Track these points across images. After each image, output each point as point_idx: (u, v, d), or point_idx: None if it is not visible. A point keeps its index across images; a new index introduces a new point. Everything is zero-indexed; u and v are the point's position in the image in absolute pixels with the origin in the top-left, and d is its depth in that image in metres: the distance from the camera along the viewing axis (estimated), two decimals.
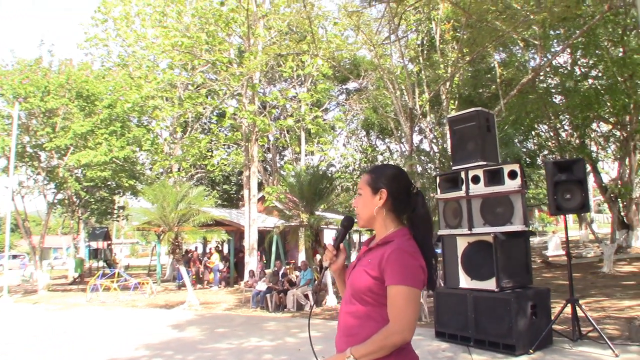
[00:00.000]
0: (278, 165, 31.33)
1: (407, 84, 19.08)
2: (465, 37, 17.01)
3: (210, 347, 8.41)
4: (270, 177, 29.16)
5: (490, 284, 6.99)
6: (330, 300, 13.71)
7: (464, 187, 7.37)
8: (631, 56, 16.74)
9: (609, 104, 18.61)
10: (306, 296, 13.38)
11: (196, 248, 27.28)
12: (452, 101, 21.79)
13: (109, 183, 24.38)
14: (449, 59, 19.99)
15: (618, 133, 22.15)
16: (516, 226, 6.87)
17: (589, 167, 20.79)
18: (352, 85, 30.72)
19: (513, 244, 7.06)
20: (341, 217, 17.00)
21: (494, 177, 7.12)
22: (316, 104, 23.97)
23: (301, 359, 7.21)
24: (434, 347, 7.26)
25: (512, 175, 6.93)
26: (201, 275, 20.92)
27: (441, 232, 7.80)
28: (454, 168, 7.76)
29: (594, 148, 23.82)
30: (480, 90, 21.03)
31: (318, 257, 17.87)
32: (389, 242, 2.17)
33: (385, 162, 35.73)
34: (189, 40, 16.43)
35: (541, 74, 18.46)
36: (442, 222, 7.80)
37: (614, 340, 6.66)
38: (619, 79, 17.21)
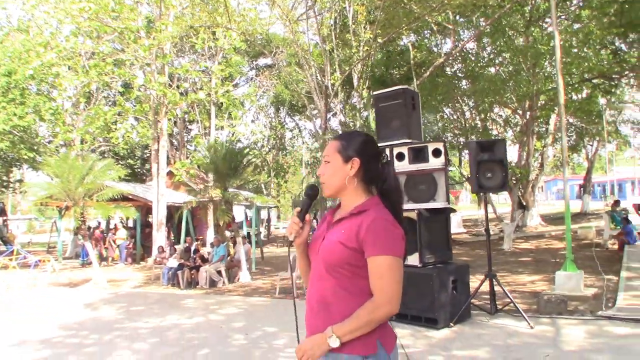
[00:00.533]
0: (185, 139, 30.53)
1: (322, 60, 19.03)
2: (380, 18, 17.12)
3: (129, 326, 8.03)
4: (177, 152, 28.34)
5: (413, 260, 7.07)
6: (244, 276, 13.52)
7: None
8: (534, 46, 17.51)
9: (512, 91, 19.43)
10: (219, 272, 13.12)
11: (99, 224, 26.12)
12: (362, 81, 22.03)
13: (5, 155, 22.79)
14: (361, 39, 20.13)
15: (518, 118, 23.28)
16: (439, 203, 6.99)
17: None
18: (262, 61, 30.37)
19: (435, 220, 7.17)
20: (250, 195, 16.85)
21: (418, 155, 7.18)
22: (227, 78, 23.46)
23: (224, 337, 7.01)
24: None
25: (436, 153, 7.01)
26: (104, 252, 20.02)
27: None
28: (378, 145, 7.74)
29: (495, 132, 24.89)
30: (393, 71, 21.37)
31: (228, 233, 17.61)
32: (363, 212, 2.05)
33: (295, 138, 35.82)
34: (96, 6, 15.45)
35: (450, 58, 19.04)
36: None
37: (525, 313, 6.96)
38: (523, 67, 18.02)
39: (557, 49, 9.83)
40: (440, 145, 7.03)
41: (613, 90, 21.03)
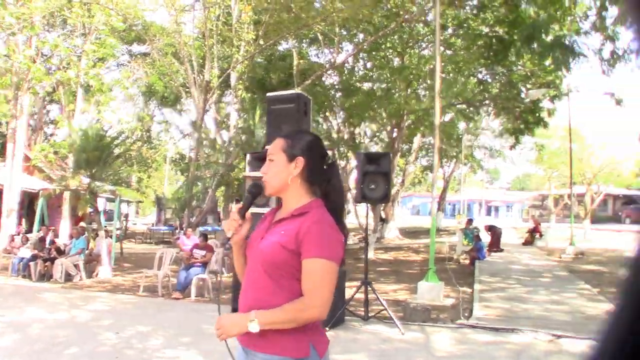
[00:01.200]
0: (44, 121, 28.39)
1: (201, 54, 18.68)
2: (266, 20, 17.13)
3: None
4: (34, 134, 26.24)
5: None
6: (104, 271, 12.81)
7: None
8: (409, 67, 18.42)
9: (384, 107, 20.23)
10: (76, 266, 12.31)
11: None
12: (242, 81, 21.91)
13: None
14: (243, 39, 20.02)
15: (385, 134, 24.32)
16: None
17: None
18: (137, 48, 29.05)
19: None
20: (117, 187, 16.07)
21: None
22: (100, 60, 22.23)
23: (92, 334, 6.56)
24: None
25: None
26: None
27: (252, 210, 7.74)
28: (267, 147, 7.72)
29: (363, 147, 25.79)
30: (272, 75, 21.41)
31: (83, 224, 16.63)
32: (305, 213, 2.01)
33: (163, 132, 34.63)
34: None
35: (329, 69, 19.49)
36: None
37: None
38: (398, 85, 18.88)
39: (437, 73, 10.43)
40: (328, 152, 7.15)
41: (474, 116, 22.71)
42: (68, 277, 12.07)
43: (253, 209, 2.16)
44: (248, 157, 7.95)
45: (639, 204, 42.05)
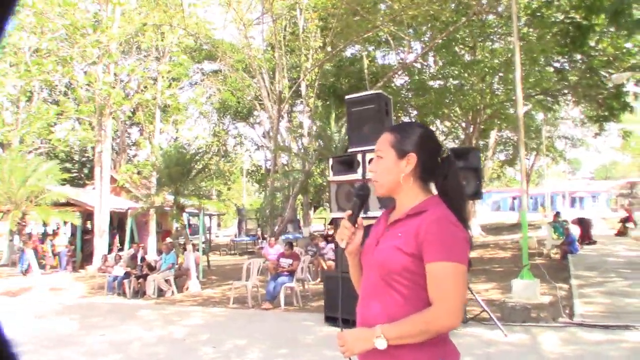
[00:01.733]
0: (126, 143, 29.60)
1: (270, 66, 18.95)
2: (334, 26, 17.16)
3: (86, 340, 7.50)
4: (118, 156, 27.40)
5: None
6: (193, 285, 13.10)
7: (360, 170, 7.32)
8: (482, 61, 17.97)
9: (458, 104, 19.81)
10: (167, 281, 12.65)
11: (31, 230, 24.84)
12: (311, 89, 22.07)
13: None
14: (311, 47, 20.15)
15: (461, 131, 23.83)
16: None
17: None
18: (208, 66, 29.91)
19: None
20: (203, 201, 16.41)
21: None
22: (174, 80, 22.99)
23: (190, 350, 6.68)
24: (327, 333, 7.12)
25: None
26: (42, 260, 19.00)
27: (334, 214, 7.71)
28: (350, 150, 7.68)
29: None
30: (343, 80, 21.43)
31: (169, 239, 17.11)
32: (422, 212, 1.84)
33: (238, 145, 35.33)
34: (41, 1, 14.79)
35: (400, 70, 19.28)
36: (335, 205, 7.70)
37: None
38: (472, 80, 18.43)
39: (517, 62, 10.08)
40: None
41: (554, 106, 21.89)
42: (160, 293, 12.40)
43: (341, 214, 2.03)
44: (331, 161, 7.88)
45: None
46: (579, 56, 18.38)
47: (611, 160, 63.93)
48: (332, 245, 14.85)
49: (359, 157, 7.33)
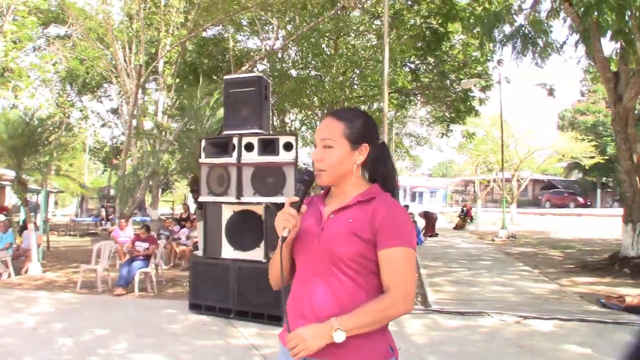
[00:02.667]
0: None
1: (133, 38, 17.92)
2: (201, 2, 16.58)
3: None
4: None
5: (257, 254, 6.93)
6: (34, 268, 11.98)
7: (235, 153, 7.12)
8: (344, 55, 18.40)
9: (318, 94, 20.12)
10: (4, 262, 11.47)
11: None
12: (170, 66, 21.24)
13: None
14: (172, 22, 19.38)
15: (318, 122, 24.26)
16: (286, 198, 6.91)
17: None
18: (54, 30, 27.50)
19: None
20: (49, 176, 15.09)
21: (268, 147, 7.01)
22: (15, 43, 20.87)
23: (45, 341, 6.05)
24: (194, 321, 6.86)
25: (287, 147, 6.90)
26: None
27: (203, 198, 7.43)
28: (225, 133, 7.43)
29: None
30: (204, 60, 20.86)
31: (1, 217, 15.58)
32: (372, 199, 1.83)
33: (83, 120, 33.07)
34: None
35: (264, 56, 19.16)
36: (205, 188, 7.43)
37: None
38: (333, 73, 18.79)
39: (385, 61, 10.43)
40: (292, 139, 6.94)
41: (405, 105, 23.06)
42: None
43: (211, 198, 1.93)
44: (203, 142, 7.56)
45: (558, 188, 44.61)
46: (432, 60, 19.53)
47: (449, 159, 69.20)
48: (185, 230, 14.45)
49: (235, 140, 7.13)
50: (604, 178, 42.11)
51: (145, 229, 10.76)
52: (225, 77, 7.81)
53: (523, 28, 11.93)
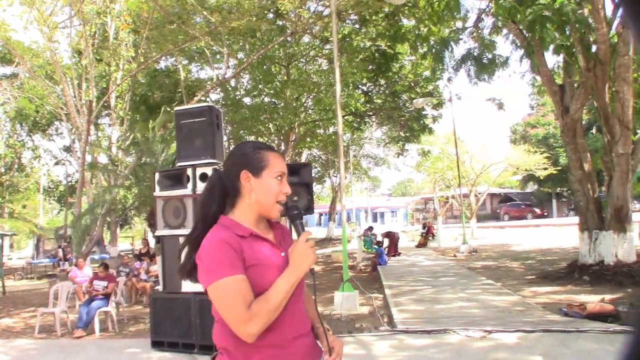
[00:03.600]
0: None
1: (83, 74, 17.65)
2: (148, 35, 16.49)
3: None
4: None
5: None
6: None
7: (190, 185, 7.03)
8: (297, 80, 18.53)
9: (273, 120, 20.14)
10: None
11: None
12: (120, 100, 20.99)
13: None
14: (122, 57, 19.20)
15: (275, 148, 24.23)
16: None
17: None
18: (0, 70, 27.00)
19: None
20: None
21: None
22: None
23: None
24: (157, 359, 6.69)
25: None
26: None
27: (160, 232, 7.29)
28: (178, 164, 7.33)
29: None
30: (156, 93, 20.66)
31: None
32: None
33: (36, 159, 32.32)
34: None
35: (216, 85, 19.11)
36: (161, 222, 7.30)
37: None
38: (287, 98, 18.86)
39: (337, 85, 10.49)
40: None
41: (360, 127, 23.27)
42: None
43: (168, 232, 1.93)
44: (157, 175, 7.42)
45: (515, 201, 45.46)
46: (383, 81, 19.80)
47: (408, 178, 70.02)
48: (145, 265, 14.13)
49: (189, 171, 7.04)
50: (559, 188, 43.12)
51: (104, 267, 10.47)
52: (176, 108, 7.72)
53: (472, 51, 12.22)
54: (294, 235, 2.01)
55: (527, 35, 11.22)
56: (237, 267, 1.76)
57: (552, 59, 13.98)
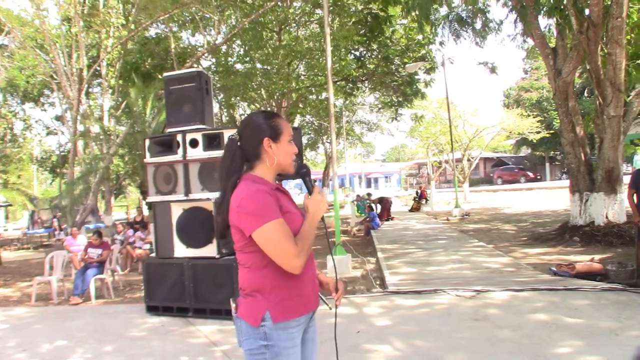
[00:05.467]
0: None
1: (73, 42, 17.41)
2: (138, 2, 16.24)
3: None
4: None
5: (209, 251, 6.85)
6: None
7: (180, 151, 7.03)
8: (288, 46, 18.36)
9: (265, 87, 20.02)
10: None
11: None
12: (111, 68, 20.75)
13: None
14: (112, 24, 18.91)
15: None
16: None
17: None
18: None
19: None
20: None
21: (212, 142, 6.94)
22: None
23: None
24: (152, 324, 6.75)
25: None
26: None
27: (152, 198, 7.31)
28: (168, 130, 7.32)
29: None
30: (147, 60, 20.44)
31: None
32: None
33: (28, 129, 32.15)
34: None
35: (207, 52, 18.90)
36: (153, 188, 7.31)
37: None
38: (279, 64, 18.71)
39: (328, 51, 10.42)
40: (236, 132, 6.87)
41: (353, 92, 23.14)
42: None
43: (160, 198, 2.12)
44: (148, 142, 7.40)
45: (508, 165, 45.60)
46: (376, 46, 19.63)
47: (401, 143, 69.99)
48: (140, 233, 14.19)
49: (179, 137, 7.03)
50: (552, 152, 43.25)
51: (97, 235, 10.51)
52: (165, 74, 7.66)
53: (457, 8, 12.10)
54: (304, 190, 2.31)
55: None
56: (278, 212, 2.06)
57: (544, 22, 13.92)
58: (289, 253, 2.02)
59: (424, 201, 24.35)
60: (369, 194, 20.64)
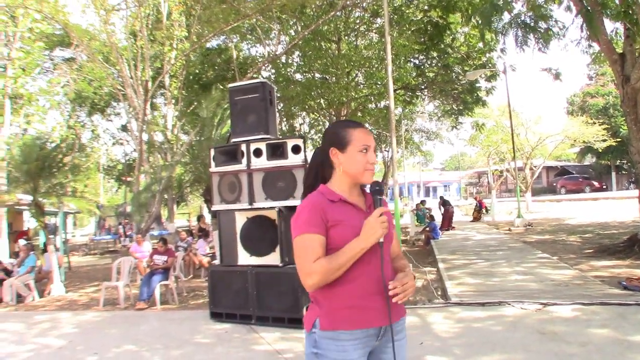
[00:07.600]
0: None
1: (138, 55, 18.04)
2: (200, 15, 16.66)
3: None
4: None
5: (273, 259, 6.95)
6: (56, 289, 12.10)
7: (244, 160, 7.18)
8: (347, 55, 18.41)
9: (324, 96, 20.13)
10: (27, 286, 11.59)
11: None
12: (174, 79, 21.32)
13: None
14: (175, 37, 19.48)
15: (327, 123, 24.28)
16: (298, 200, 6.92)
17: None
18: (59, 54, 27.79)
19: None
20: (66, 198, 15.18)
21: (276, 151, 7.06)
22: (28, 68, 21.05)
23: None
24: (216, 330, 6.90)
25: (296, 149, 6.95)
26: None
27: (216, 207, 7.48)
28: (233, 140, 7.49)
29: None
30: (209, 71, 20.95)
31: (22, 242, 15.70)
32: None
33: (93, 139, 33.36)
34: None
35: (268, 62, 19.19)
36: (217, 197, 7.48)
37: None
38: (338, 73, 18.79)
39: (388, 58, 10.42)
40: (299, 142, 6.98)
41: (412, 100, 22.99)
42: (19, 299, 11.33)
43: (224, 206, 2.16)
44: (213, 152, 7.61)
45: (572, 174, 44.22)
46: (436, 53, 19.45)
47: (461, 151, 69.00)
48: (202, 242, 14.50)
49: (244, 147, 7.18)
50: (618, 160, 41.68)
51: (163, 242, 10.81)
52: (230, 85, 7.84)
53: (521, 15, 11.84)
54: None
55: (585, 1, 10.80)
56: (316, 226, 2.10)
57: (610, 26, 13.45)
58: (302, 270, 2.07)
59: (484, 211, 23.91)
60: (422, 201, 20.42)
